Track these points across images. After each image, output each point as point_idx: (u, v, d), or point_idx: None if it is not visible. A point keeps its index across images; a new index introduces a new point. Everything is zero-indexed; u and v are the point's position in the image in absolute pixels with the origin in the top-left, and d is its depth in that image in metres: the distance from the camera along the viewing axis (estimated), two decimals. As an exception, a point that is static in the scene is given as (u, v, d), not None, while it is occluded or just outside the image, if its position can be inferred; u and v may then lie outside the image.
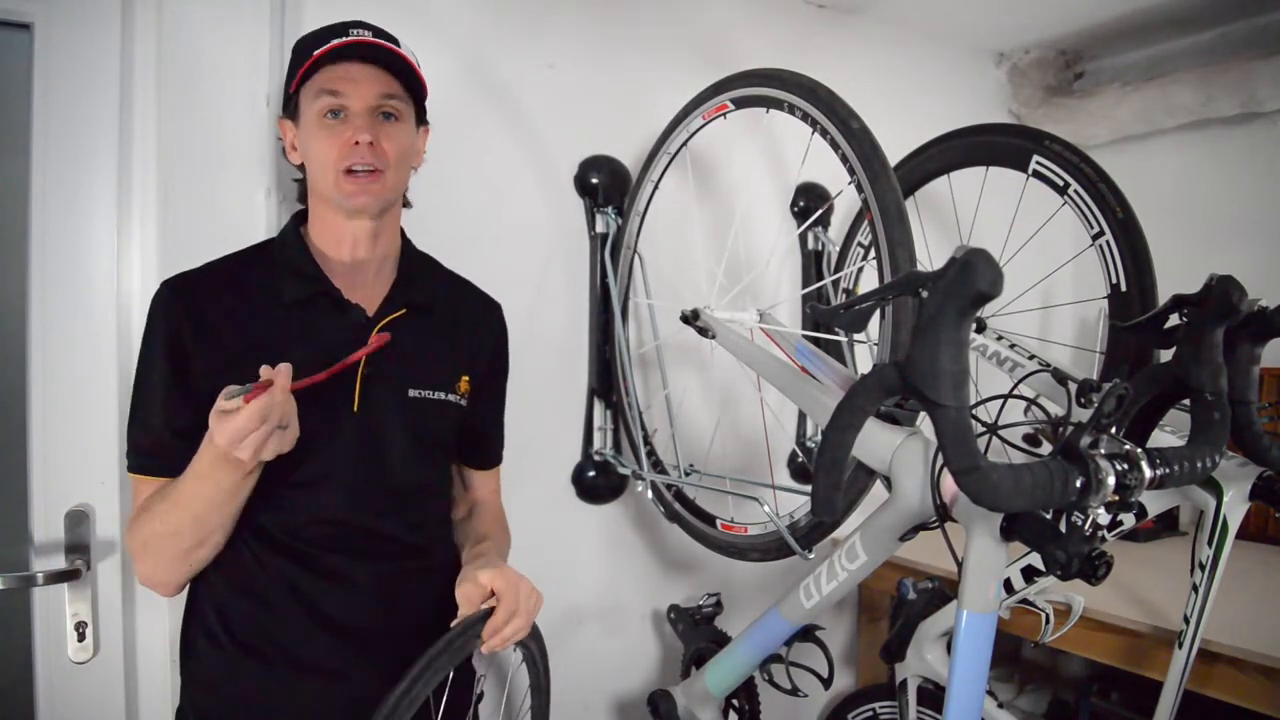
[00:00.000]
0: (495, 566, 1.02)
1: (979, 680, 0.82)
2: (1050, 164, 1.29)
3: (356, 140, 0.98)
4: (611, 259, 1.62)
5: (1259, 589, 1.53)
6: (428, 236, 1.20)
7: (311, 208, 1.08)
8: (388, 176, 1.02)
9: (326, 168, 1.00)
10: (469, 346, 1.15)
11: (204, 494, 0.90)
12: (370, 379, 1.02)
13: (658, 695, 1.47)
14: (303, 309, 1.01)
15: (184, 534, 0.93)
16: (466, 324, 1.16)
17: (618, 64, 1.71)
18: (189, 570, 0.97)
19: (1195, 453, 0.78)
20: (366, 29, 1.01)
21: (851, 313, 0.80)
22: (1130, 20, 2.06)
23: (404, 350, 1.05)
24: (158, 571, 0.97)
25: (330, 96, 0.98)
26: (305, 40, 1.02)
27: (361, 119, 0.99)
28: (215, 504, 0.91)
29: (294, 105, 1.03)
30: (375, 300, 1.06)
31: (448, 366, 1.11)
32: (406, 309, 1.07)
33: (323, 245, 1.06)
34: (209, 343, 0.96)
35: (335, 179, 0.99)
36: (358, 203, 1.01)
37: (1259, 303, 0.91)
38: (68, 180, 1.24)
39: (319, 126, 0.99)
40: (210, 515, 0.92)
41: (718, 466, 1.63)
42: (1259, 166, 2.03)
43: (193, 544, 0.94)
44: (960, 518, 0.82)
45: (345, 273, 1.05)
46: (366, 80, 0.99)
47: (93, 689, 1.26)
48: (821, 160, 1.24)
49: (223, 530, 0.95)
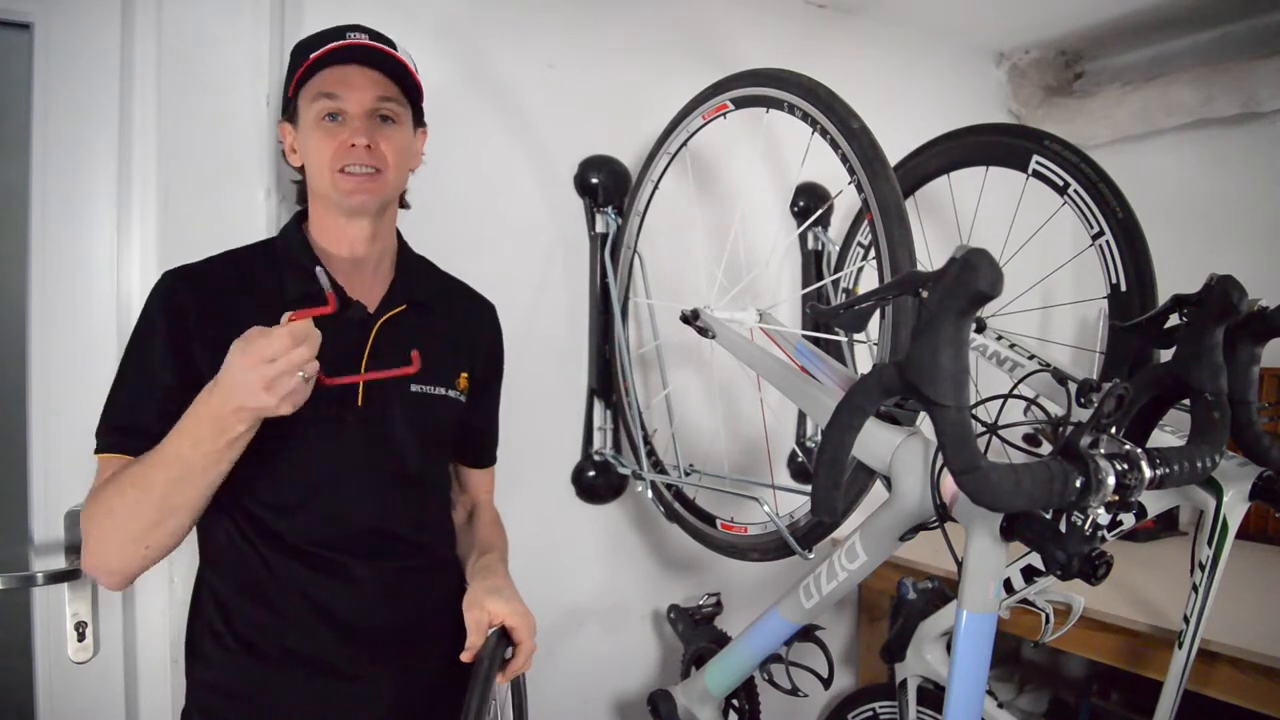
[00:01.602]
0: (504, 594, 1.04)
1: (979, 680, 0.82)
2: (1050, 164, 1.29)
3: (353, 143, 0.98)
4: (611, 259, 1.62)
5: (1259, 589, 1.53)
6: (428, 236, 1.20)
7: (311, 208, 1.08)
8: (386, 176, 1.02)
9: (323, 168, 1.00)
10: (467, 344, 1.16)
11: (182, 455, 0.85)
12: (372, 372, 1.02)
13: (658, 695, 1.47)
14: (304, 304, 1.01)
15: (146, 506, 0.87)
16: (464, 322, 1.17)
17: (618, 64, 1.72)
18: (141, 557, 0.90)
19: (1195, 453, 0.78)
20: (363, 32, 1.01)
21: (851, 313, 0.80)
22: (1130, 20, 2.06)
23: (405, 346, 1.05)
24: (107, 555, 0.90)
25: (327, 100, 0.99)
26: (302, 44, 1.02)
27: (359, 122, 0.99)
28: (190, 469, 0.85)
29: (293, 108, 1.04)
30: (375, 297, 1.07)
31: (448, 363, 1.11)
32: (407, 305, 1.08)
33: (324, 243, 1.06)
34: (213, 334, 0.94)
35: (332, 177, 1.00)
36: (356, 200, 1.01)
37: (1259, 303, 0.90)
38: (68, 180, 1.24)
39: (317, 129, 1.00)
40: (180, 485, 0.86)
41: (718, 466, 1.64)
42: (1259, 166, 2.03)
43: (153, 521, 0.87)
44: (960, 518, 0.82)
45: (346, 270, 1.06)
46: (363, 83, 1.00)
47: (93, 689, 1.26)
48: (821, 160, 1.24)
49: (188, 511, 0.89)
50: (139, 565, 0.91)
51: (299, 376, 0.82)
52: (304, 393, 0.84)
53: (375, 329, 1.04)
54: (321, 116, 0.99)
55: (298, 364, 0.81)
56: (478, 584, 1.06)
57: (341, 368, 0.93)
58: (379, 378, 0.93)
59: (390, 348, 1.04)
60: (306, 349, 0.81)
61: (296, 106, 1.03)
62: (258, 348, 0.80)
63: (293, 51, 1.04)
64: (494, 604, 1.01)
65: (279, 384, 0.81)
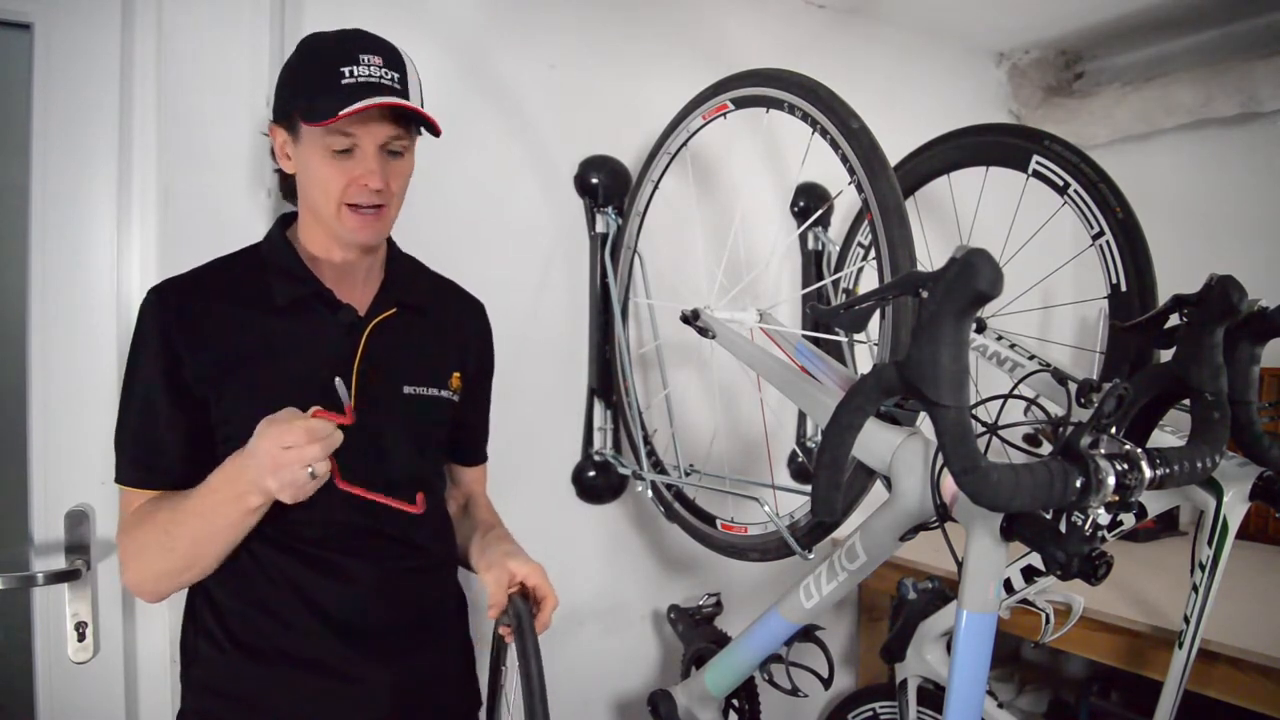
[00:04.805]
0: (520, 557, 1.09)
1: (979, 680, 0.82)
2: (1050, 164, 1.29)
3: (366, 183, 0.97)
4: (611, 259, 1.62)
5: (1259, 589, 1.53)
6: (429, 236, 1.20)
7: (301, 215, 1.07)
8: (390, 211, 1.02)
9: (330, 198, 0.98)
10: (458, 344, 1.17)
11: (204, 515, 0.91)
12: (366, 377, 1.02)
13: (658, 695, 1.47)
14: (295, 311, 1.01)
15: (177, 553, 0.93)
16: (454, 322, 1.18)
17: (618, 64, 1.71)
18: (175, 588, 0.98)
19: (1195, 453, 0.78)
20: (376, 54, 0.96)
21: (851, 313, 0.80)
22: (1130, 20, 2.06)
23: (397, 348, 1.06)
24: (145, 581, 0.97)
25: (343, 137, 0.95)
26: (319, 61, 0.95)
27: (372, 161, 0.97)
28: (214, 531, 0.92)
29: (293, 121, 0.98)
30: (365, 300, 1.07)
31: (440, 363, 1.12)
32: (397, 308, 1.08)
33: (312, 248, 1.05)
34: (201, 347, 0.96)
35: (338, 211, 0.98)
36: (360, 237, 1.01)
37: (1259, 303, 0.90)
38: (68, 180, 1.24)
39: (326, 160, 0.97)
40: (205, 544, 0.93)
41: (718, 467, 1.63)
42: (1259, 166, 2.03)
43: (183, 565, 0.94)
44: (960, 518, 0.82)
45: (335, 274, 1.05)
46: (380, 126, 0.96)
47: (93, 689, 1.26)
48: (821, 160, 1.24)
49: (214, 559, 0.95)
50: (175, 590, 0.99)
51: (306, 471, 0.84)
52: (308, 488, 0.87)
53: (367, 332, 1.04)
54: (331, 150, 0.96)
55: (307, 459, 0.84)
56: (493, 550, 1.10)
57: (334, 371, 0.93)
58: (386, 502, 0.94)
59: (382, 351, 1.04)
60: (320, 449, 0.85)
61: (298, 121, 0.97)
62: (277, 430, 0.84)
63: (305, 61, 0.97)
64: (514, 564, 1.06)
65: (284, 473, 0.84)
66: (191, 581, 0.98)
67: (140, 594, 1.00)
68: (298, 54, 1.00)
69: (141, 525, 0.95)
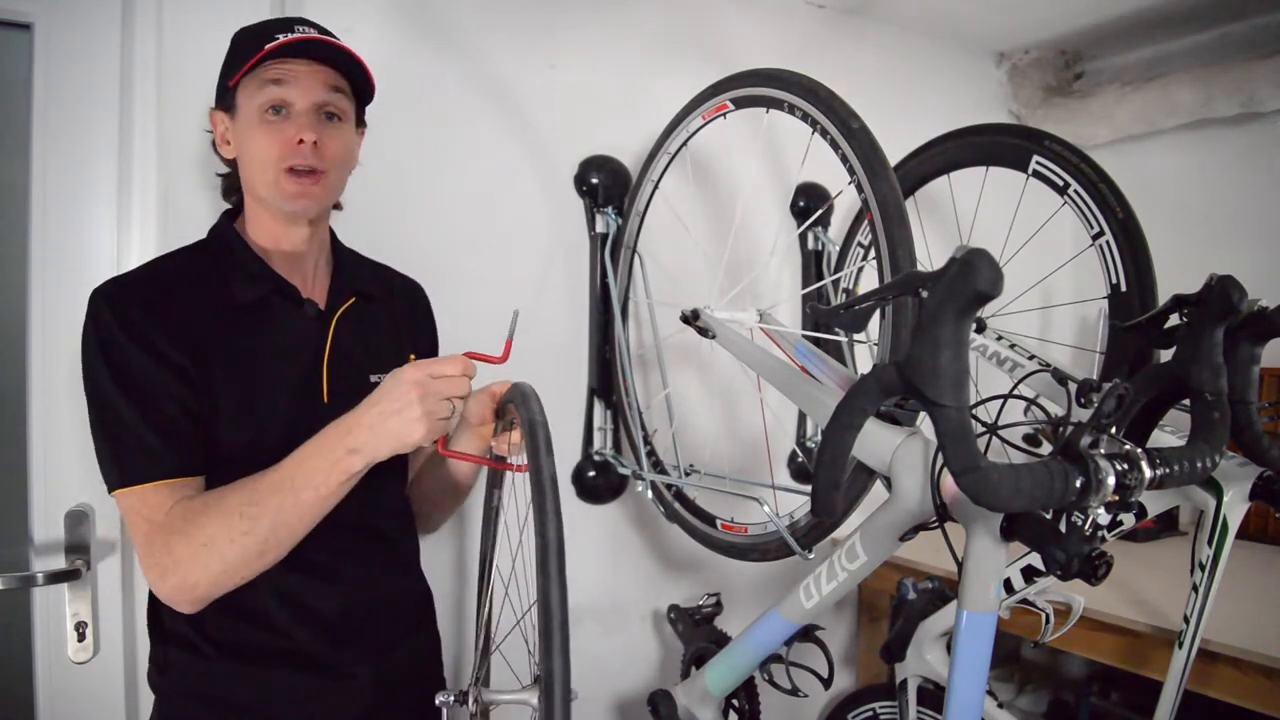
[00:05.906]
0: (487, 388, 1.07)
1: (979, 680, 0.82)
2: (1050, 164, 1.29)
3: (300, 139, 0.96)
4: (611, 259, 1.62)
5: (1259, 589, 1.53)
6: (429, 236, 1.20)
7: (247, 206, 1.06)
8: (329, 178, 1.01)
9: (267, 166, 0.97)
10: (409, 328, 1.19)
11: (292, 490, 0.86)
12: (335, 368, 1.02)
13: (658, 695, 1.47)
14: (260, 307, 1.01)
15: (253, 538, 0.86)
16: (403, 307, 1.20)
17: (618, 64, 1.71)
18: (235, 584, 0.90)
19: (1195, 453, 0.78)
20: (310, 26, 0.98)
21: (851, 313, 0.80)
22: (1130, 20, 2.06)
23: (360, 337, 1.07)
24: (202, 582, 0.88)
25: (274, 86, 0.95)
26: (249, 33, 0.99)
27: (305, 117, 0.97)
28: (302, 511, 0.87)
29: (230, 98, 1.00)
30: (321, 291, 1.07)
31: (398, 348, 1.13)
32: (356, 297, 1.09)
33: (261, 240, 1.04)
34: (172, 339, 0.93)
35: (276, 178, 0.97)
36: (298, 205, 0.99)
37: (1259, 303, 0.90)
38: (68, 180, 1.24)
39: (260, 123, 0.96)
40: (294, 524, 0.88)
41: (718, 466, 1.63)
42: (1258, 166, 2.03)
43: (257, 552, 0.87)
44: (960, 518, 0.82)
45: (288, 265, 1.05)
46: (313, 77, 0.97)
47: (93, 689, 1.26)
48: (821, 160, 1.24)
49: (291, 544, 0.90)
50: (233, 587, 0.91)
51: (448, 405, 0.87)
52: (441, 426, 0.88)
53: (334, 323, 1.04)
54: (266, 109, 0.96)
55: (458, 391, 0.87)
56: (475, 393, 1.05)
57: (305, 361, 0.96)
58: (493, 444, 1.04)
59: (348, 341, 1.05)
60: (468, 386, 0.88)
61: (235, 97, 0.99)
62: (426, 362, 0.88)
63: (235, 39, 1.01)
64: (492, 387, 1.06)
65: (430, 400, 0.86)
66: (252, 576, 0.90)
67: (187, 599, 0.90)
68: (231, 40, 1.02)
69: (205, 515, 0.88)
